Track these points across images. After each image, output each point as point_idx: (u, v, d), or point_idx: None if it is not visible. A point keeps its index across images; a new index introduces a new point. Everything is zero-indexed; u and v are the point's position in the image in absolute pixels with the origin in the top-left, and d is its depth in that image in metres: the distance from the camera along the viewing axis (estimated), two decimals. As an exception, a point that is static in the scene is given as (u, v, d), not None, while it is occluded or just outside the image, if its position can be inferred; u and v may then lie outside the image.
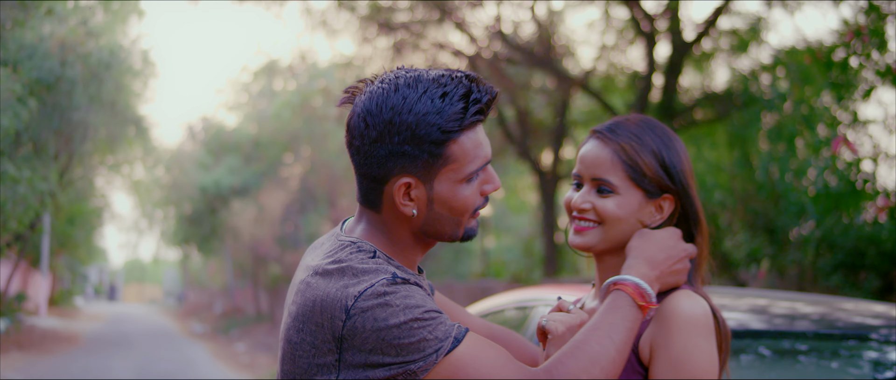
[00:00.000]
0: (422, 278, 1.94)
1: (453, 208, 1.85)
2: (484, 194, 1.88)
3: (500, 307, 3.71)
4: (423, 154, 1.80)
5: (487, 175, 1.88)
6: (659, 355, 1.76)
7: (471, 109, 1.79)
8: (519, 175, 21.40)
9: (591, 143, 1.92)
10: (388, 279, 1.76)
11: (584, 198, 1.90)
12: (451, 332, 1.75)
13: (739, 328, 2.98)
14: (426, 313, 1.74)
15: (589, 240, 1.90)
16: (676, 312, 1.76)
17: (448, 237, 1.90)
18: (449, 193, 1.84)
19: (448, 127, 1.78)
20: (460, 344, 1.74)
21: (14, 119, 15.24)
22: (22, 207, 15.71)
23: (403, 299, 1.74)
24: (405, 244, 1.90)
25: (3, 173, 14.98)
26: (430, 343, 1.73)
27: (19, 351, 19.14)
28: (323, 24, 14.91)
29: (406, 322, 1.72)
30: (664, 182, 1.87)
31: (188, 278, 58.49)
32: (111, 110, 20.67)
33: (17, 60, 18.01)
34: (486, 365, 1.74)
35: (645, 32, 12.73)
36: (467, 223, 1.88)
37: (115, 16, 23.96)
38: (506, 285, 12.67)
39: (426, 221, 1.87)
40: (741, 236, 8.92)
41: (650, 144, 1.86)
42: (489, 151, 1.87)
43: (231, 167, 32.20)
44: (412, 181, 1.83)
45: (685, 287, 1.85)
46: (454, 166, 1.82)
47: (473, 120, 1.80)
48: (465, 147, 1.81)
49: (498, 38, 13.55)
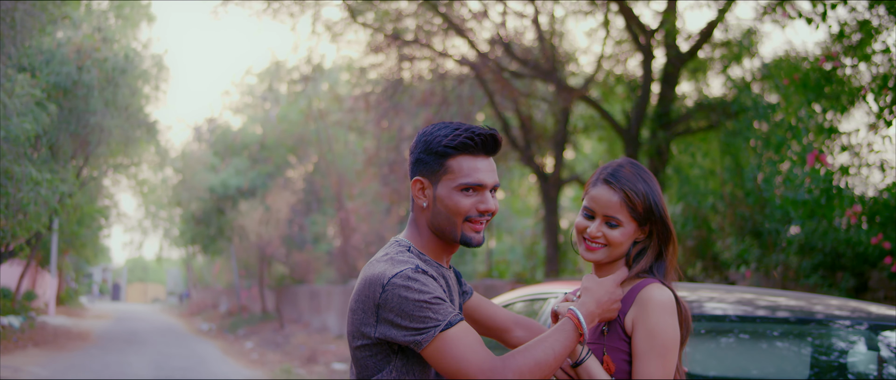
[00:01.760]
0: (448, 271, 2.71)
1: (448, 208, 2.58)
2: (478, 211, 2.58)
3: (513, 300, 4.34)
4: (432, 162, 2.59)
5: (483, 197, 2.59)
6: (638, 327, 2.51)
7: (465, 135, 2.56)
8: (522, 178, 21.85)
9: (602, 187, 2.63)
10: (413, 269, 2.50)
11: (598, 229, 2.62)
12: (448, 317, 2.44)
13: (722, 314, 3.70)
14: (434, 299, 2.46)
15: (598, 256, 2.64)
16: (651, 298, 2.51)
17: (449, 235, 2.61)
18: (446, 196, 2.58)
19: (449, 143, 2.57)
20: (452, 327, 2.44)
21: (34, 123, 15.68)
22: (44, 209, 16.22)
23: (421, 285, 2.46)
24: (427, 237, 2.66)
25: (24, 175, 15.43)
26: (432, 320, 2.44)
27: (36, 348, 19.61)
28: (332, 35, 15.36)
29: (419, 302, 2.45)
30: (650, 215, 2.60)
31: (192, 278, 58.84)
32: (125, 114, 21.20)
33: (35, 66, 18.55)
34: (463, 347, 2.43)
35: (642, 45, 13.28)
36: (463, 228, 2.59)
37: (125, 21, 24.45)
38: (509, 285, 13.14)
39: (433, 215, 2.62)
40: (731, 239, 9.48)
41: (642, 190, 2.59)
42: (485, 178, 2.58)
43: (238, 169, 32.64)
44: (424, 181, 2.63)
45: (656, 281, 2.57)
46: (451, 176, 2.58)
47: (466, 142, 2.56)
48: (461, 165, 2.58)
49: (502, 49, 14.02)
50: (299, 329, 26.13)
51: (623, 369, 2.51)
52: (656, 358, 2.46)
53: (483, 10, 14.19)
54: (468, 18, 14.25)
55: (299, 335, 23.89)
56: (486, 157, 2.61)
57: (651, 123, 13.35)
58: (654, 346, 2.46)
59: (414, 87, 15.71)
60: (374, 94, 16.20)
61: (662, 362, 2.46)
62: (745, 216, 9.18)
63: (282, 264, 31.65)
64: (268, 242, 29.79)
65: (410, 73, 15.46)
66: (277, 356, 20.30)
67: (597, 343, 2.57)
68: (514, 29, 15.00)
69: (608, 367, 2.51)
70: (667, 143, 13.11)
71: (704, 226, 10.38)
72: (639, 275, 2.61)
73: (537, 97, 15.54)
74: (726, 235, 9.65)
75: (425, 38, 14.88)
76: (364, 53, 16.18)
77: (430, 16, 14.66)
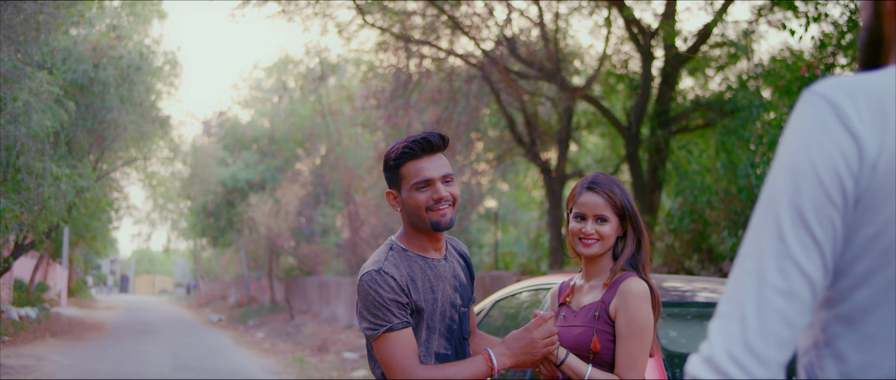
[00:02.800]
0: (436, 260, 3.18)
1: (412, 205, 3.08)
2: (433, 200, 3.06)
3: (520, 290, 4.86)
4: (392, 176, 3.14)
5: (434, 188, 3.07)
6: (620, 314, 3.04)
7: (404, 146, 3.08)
8: (527, 173, 22.24)
9: (588, 194, 3.19)
10: (378, 271, 3.00)
11: (592, 227, 3.16)
12: (393, 322, 2.96)
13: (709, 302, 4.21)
14: (390, 301, 2.97)
15: (594, 250, 3.17)
16: (630, 289, 3.04)
17: (421, 225, 3.10)
18: (407, 197, 3.09)
19: (394, 157, 3.12)
20: (394, 332, 2.96)
21: (53, 120, 16.11)
22: (63, 203, 16.73)
23: (379, 288, 2.98)
24: (409, 233, 3.17)
25: (45, 171, 15.88)
26: (382, 320, 2.96)
27: (54, 338, 20.10)
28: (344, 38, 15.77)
29: (376, 302, 2.98)
30: (625, 212, 3.17)
31: (200, 269, 59.27)
32: (140, 110, 21.65)
33: (53, 64, 19.01)
34: (397, 349, 2.96)
35: (641, 46, 13.73)
36: (429, 216, 3.06)
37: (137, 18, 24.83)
38: (515, 276, 13.59)
39: (407, 215, 3.13)
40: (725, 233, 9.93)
41: (617, 191, 3.17)
42: (431, 174, 3.07)
43: (247, 162, 33.07)
44: (392, 192, 3.17)
45: (635, 274, 3.11)
46: (406, 181, 3.09)
47: (405, 151, 3.08)
48: (409, 169, 3.09)
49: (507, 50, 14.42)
50: (309, 319, 26.49)
51: (608, 348, 3.03)
52: (635, 339, 2.99)
53: (488, 11, 14.61)
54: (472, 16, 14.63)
55: (309, 325, 24.29)
56: (430, 156, 3.11)
57: (651, 120, 13.78)
58: (632, 329, 2.99)
59: (422, 85, 16.14)
60: (384, 92, 16.61)
61: (640, 342, 2.99)
62: (738, 211, 9.64)
63: (291, 256, 31.98)
64: (277, 235, 30.11)
65: (418, 71, 15.86)
66: (289, 346, 20.74)
67: (588, 326, 3.08)
68: (519, 27, 15.39)
69: (595, 345, 3.03)
70: (666, 140, 13.53)
71: (701, 220, 10.84)
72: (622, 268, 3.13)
73: (542, 95, 15.90)
74: (721, 229, 10.09)
75: (432, 37, 15.30)
76: (373, 52, 16.63)
77: (436, 14, 15.07)
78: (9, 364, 13.99)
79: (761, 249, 1.22)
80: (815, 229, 1.22)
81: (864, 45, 1.42)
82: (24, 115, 14.93)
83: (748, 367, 1.18)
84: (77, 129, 19.96)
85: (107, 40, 20.74)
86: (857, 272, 1.23)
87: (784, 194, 1.23)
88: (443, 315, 3.13)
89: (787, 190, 1.23)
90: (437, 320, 3.11)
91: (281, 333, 24.39)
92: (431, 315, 3.10)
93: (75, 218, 24.53)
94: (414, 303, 3.04)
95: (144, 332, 24.61)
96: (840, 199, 1.23)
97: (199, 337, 23.80)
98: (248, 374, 14.98)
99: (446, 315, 3.15)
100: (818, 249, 1.21)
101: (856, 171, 1.22)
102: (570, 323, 3.16)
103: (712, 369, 1.20)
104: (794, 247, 1.21)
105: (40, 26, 14.46)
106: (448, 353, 3.13)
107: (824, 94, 1.25)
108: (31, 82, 15.18)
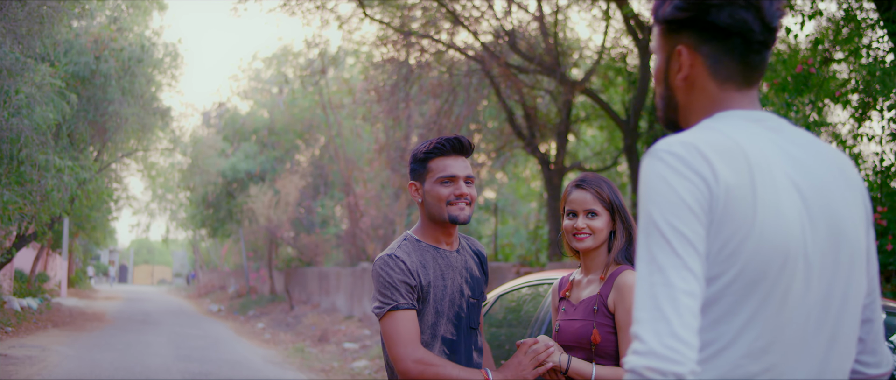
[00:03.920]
0: (449, 253, 3.39)
1: (433, 197, 3.30)
2: (455, 196, 3.29)
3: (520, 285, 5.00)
4: (418, 168, 3.36)
5: (457, 185, 3.30)
6: (618, 306, 3.17)
7: (436, 143, 3.33)
8: (526, 165, 22.34)
9: (577, 191, 3.37)
10: (390, 255, 3.25)
11: (583, 222, 3.33)
12: (398, 300, 3.17)
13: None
14: (397, 282, 3.19)
15: (587, 244, 3.32)
16: (625, 282, 3.18)
17: (439, 218, 3.31)
18: (430, 189, 3.31)
19: (426, 150, 3.35)
20: (399, 310, 3.16)
21: (56, 112, 16.22)
22: (66, 194, 16.84)
23: (389, 270, 3.21)
24: (425, 225, 3.38)
25: (48, 162, 15.99)
26: (389, 299, 3.18)
27: (56, 328, 20.17)
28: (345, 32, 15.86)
29: (385, 281, 3.20)
30: (614, 206, 3.33)
31: (199, 260, 59.36)
32: (141, 102, 21.75)
33: (54, 56, 19.11)
34: (399, 328, 3.16)
35: (639, 40, 13.85)
36: (448, 211, 3.29)
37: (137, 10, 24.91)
38: (514, 267, 13.71)
39: (426, 206, 3.34)
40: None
41: (605, 186, 3.35)
42: (456, 171, 3.31)
43: (247, 153, 33.13)
44: (416, 183, 3.39)
45: (629, 267, 3.25)
46: (432, 174, 3.32)
47: (437, 147, 3.32)
48: (437, 164, 3.32)
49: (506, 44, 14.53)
50: (309, 310, 26.55)
51: (608, 340, 3.16)
52: None
53: (488, 5, 14.70)
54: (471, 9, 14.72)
55: (310, 316, 24.39)
56: (457, 157, 3.35)
57: (649, 113, 13.92)
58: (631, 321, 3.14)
59: (423, 78, 16.25)
60: (384, 85, 16.71)
61: None
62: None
63: (290, 247, 32.06)
64: (277, 225, 30.19)
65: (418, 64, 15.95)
66: (289, 336, 20.84)
67: (588, 319, 3.21)
68: (519, 21, 15.49)
69: (595, 338, 3.16)
70: (664, 133, 13.65)
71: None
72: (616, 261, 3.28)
73: (541, 88, 16.01)
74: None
75: (432, 31, 15.39)
76: (373, 45, 16.72)
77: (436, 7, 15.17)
78: (13, 355, 14.11)
79: (662, 265, 1.58)
80: (695, 243, 1.59)
81: (665, 111, 1.87)
82: (27, 107, 15.04)
83: (682, 351, 1.52)
84: (79, 121, 20.07)
85: (108, 33, 20.84)
86: (708, 275, 1.62)
87: (664, 221, 1.60)
88: (452, 302, 3.32)
89: (666, 218, 1.60)
90: (445, 305, 3.30)
91: (281, 323, 24.49)
92: (440, 300, 3.29)
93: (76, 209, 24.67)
94: (423, 287, 3.25)
95: (145, 322, 24.73)
96: (705, 218, 1.60)
97: (199, 327, 23.91)
98: (250, 364, 15.11)
99: (455, 302, 3.34)
100: (699, 258, 1.59)
101: (707, 199, 1.60)
102: (570, 317, 3.30)
103: (659, 358, 1.53)
104: (686, 258, 1.57)
105: (44, 20, 14.55)
106: (455, 339, 3.32)
107: (667, 150, 1.64)
108: (33, 75, 15.29)
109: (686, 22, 1.79)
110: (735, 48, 1.77)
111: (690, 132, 1.70)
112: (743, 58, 1.78)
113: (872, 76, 8.91)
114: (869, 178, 8.85)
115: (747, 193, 1.63)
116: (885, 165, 8.79)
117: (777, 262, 1.63)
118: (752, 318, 1.64)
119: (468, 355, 3.36)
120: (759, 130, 1.76)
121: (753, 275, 1.63)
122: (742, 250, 1.62)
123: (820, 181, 1.74)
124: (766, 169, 1.67)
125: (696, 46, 1.79)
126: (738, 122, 1.76)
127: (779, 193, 1.66)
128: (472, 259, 3.50)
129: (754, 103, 1.82)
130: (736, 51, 1.77)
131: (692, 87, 1.82)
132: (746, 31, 1.75)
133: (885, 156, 8.92)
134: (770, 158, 1.70)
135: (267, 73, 36.30)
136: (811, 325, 1.69)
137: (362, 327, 20.09)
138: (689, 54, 1.80)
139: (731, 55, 1.77)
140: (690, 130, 1.72)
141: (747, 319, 1.63)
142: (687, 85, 1.82)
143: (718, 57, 1.78)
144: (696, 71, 1.80)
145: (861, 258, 1.78)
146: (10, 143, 14.96)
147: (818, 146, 1.81)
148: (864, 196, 1.84)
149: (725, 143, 1.67)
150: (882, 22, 9.19)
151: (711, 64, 1.78)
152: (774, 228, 1.64)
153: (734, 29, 1.75)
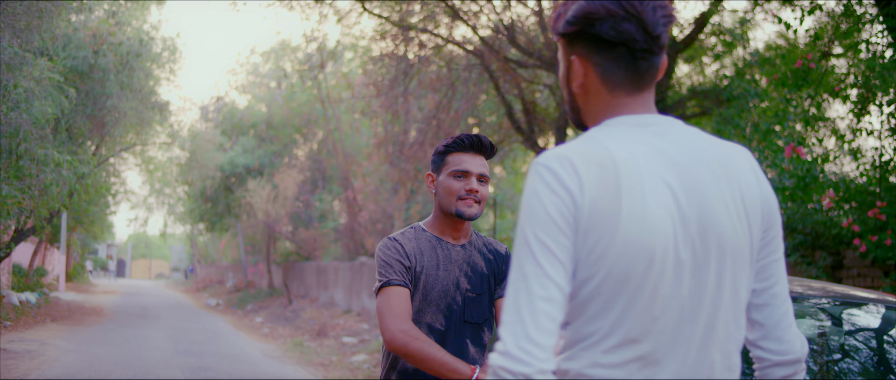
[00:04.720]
0: (452, 246, 3.46)
1: (445, 189, 3.41)
2: (466, 191, 3.38)
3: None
4: (437, 160, 3.48)
5: (469, 181, 3.40)
6: None
7: (456, 138, 3.44)
8: (524, 159, 22.35)
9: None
10: (390, 238, 3.41)
11: None
12: (391, 276, 3.28)
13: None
14: (393, 260, 3.33)
15: None
16: None
17: (447, 211, 3.41)
18: (444, 181, 3.42)
19: (446, 144, 3.46)
20: (390, 286, 3.27)
21: (54, 106, 16.22)
22: (64, 189, 16.85)
23: (387, 249, 3.36)
24: (436, 217, 3.48)
25: (47, 157, 16.00)
26: (383, 276, 3.30)
27: (54, 322, 20.17)
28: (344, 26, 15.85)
29: (382, 260, 3.33)
30: None
31: (196, 254, 59.38)
32: (139, 96, 21.75)
33: (53, 51, 19.10)
34: (391, 303, 3.25)
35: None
36: (457, 205, 3.38)
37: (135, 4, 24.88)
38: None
39: (438, 198, 3.44)
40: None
41: None
42: (470, 167, 3.41)
43: (245, 148, 33.14)
44: (433, 175, 3.50)
45: None
46: (447, 167, 3.42)
47: (457, 142, 3.43)
48: (454, 158, 3.43)
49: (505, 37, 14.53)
50: (307, 304, 26.63)
51: None
52: None
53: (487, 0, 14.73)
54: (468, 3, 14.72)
55: (308, 310, 24.44)
56: (475, 155, 3.44)
57: (648, 108, 13.90)
58: None
59: (422, 72, 16.27)
60: (383, 80, 16.72)
61: None
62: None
63: (288, 241, 32.09)
64: (275, 220, 30.24)
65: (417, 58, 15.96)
66: (288, 330, 20.89)
67: None
68: (517, 15, 15.50)
69: None
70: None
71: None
72: None
73: (540, 83, 16.03)
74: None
75: (431, 25, 15.40)
76: (372, 39, 16.73)
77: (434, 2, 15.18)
78: (12, 349, 14.13)
79: (526, 274, 1.75)
80: (558, 254, 1.75)
81: (572, 114, 2.03)
82: (26, 101, 15.05)
83: (534, 352, 1.68)
84: (77, 115, 20.07)
85: (106, 27, 20.83)
86: (581, 277, 1.78)
87: (532, 234, 1.76)
88: (444, 292, 3.38)
89: (534, 231, 1.76)
90: (435, 294, 3.37)
91: (279, 317, 24.53)
92: (431, 288, 3.36)
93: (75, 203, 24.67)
94: (416, 271, 3.35)
95: (144, 316, 24.75)
96: (569, 230, 1.76)
97: (198, 322, 23.94)
98: (249, 358, 15.15)
99: (448, 294, 3.38)
100: (562, 267, 1.75)
101: (572, 211, 1.76)
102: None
103: (511, 359, 1.69)
104: (547, 268, 1.73)
105: (43, 14, 14.55)
106: (443, 329, 3.37)
107: (544, 163, 1.79)
108: (32, 69, 15.29)
109: (576, 35, 1.93)
110: (621, 57, 1.91)
111: (569, 145, 1.85)
112: (630, 65, 1.91)
113: (871, 71, 8.95)
114: (868, 172, 8.88)
115: (612, 202, 1.77)
116: (884, 160, 8.82)
117: (642, 262, 1.78)
118: (624, 312, 1.79)
119: (460, 348, 3.36)
120: (642, 135, 1.89)
121: (621, 275, 1.77)
122: (608, 254, 1.77)
123: (695, 181, 1.86)
124: (635, 175, 1.81)
125: (588, 56, 1.93)
126: (623, 129, 1.90)
127: (646, 198, 1.80)
128: (481, 256, 3.52)
129: (646, 106, 1.97)
130: (622, 59, 1.91)
131: (587, 93, 1.97)
132: (630, 41, 1.89)
133: (885, 150, 8.95)
134: (643, 165, 1.83)
135: (265, 68, 36.29)
136: (686, 316, 1.82)
137: (361, 322, 20.13)
138: (582, 64, 1.95)
139: (618, 63, 1.91)
140: (571, 142, 1.87)
141: (620, 313, 1.79)
142: (583, 91, 1.97)
143: (607, 65, 1.92)
144: (589, 79, 1.95)
145: (742, 249, 1.88)
146: (8, 137, 14.96)
147: (701, 146, 1.93)
148: (751, 189, 1.93)
149: (598, 154, 1.82)
150: (881, 17, 9.22)
151: (602, 72, 1.93)
152: (639, 232, 1.77)
153: (618, 40, 1.89)
